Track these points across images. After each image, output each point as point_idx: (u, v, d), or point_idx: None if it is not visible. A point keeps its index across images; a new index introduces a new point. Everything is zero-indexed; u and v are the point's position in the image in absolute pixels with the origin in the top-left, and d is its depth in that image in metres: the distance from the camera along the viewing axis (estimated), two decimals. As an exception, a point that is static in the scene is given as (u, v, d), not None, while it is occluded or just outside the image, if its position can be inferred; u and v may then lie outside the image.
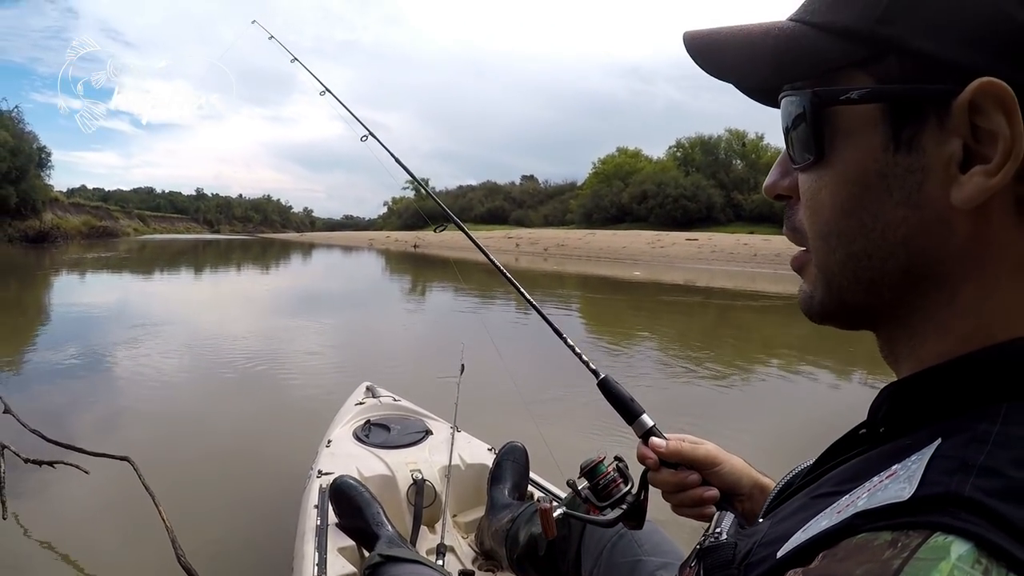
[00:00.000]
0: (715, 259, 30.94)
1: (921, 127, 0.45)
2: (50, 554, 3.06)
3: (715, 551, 0.63)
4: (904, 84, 0.46)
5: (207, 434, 4.81)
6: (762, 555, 0.51)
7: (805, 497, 0.55)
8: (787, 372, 7.61)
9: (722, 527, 0.84)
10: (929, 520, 0.37)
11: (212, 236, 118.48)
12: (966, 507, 0.36)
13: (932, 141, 0.45)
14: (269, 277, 23.91)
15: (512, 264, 28.85)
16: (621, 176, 69.84)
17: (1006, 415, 0.42)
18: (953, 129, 0.44)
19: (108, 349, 7.94)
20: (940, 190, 0.45)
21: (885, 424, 0.54)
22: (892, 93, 0.46)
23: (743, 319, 13.30)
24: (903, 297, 0.50)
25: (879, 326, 0.55)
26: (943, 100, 0.44)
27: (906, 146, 0.46)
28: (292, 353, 7.95)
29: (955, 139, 0.44)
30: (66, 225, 54.39)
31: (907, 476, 0.41)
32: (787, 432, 5.07)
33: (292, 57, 2.81)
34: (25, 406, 4.31)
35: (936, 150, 0.45)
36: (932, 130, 0.45)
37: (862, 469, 0.49)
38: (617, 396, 1.15)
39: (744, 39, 0.56)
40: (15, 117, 50.56)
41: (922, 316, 0.50)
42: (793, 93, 0.53)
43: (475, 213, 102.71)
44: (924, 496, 0.38)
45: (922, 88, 0.45)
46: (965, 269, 0.47)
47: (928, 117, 0.45)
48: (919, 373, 0.51)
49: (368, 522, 2.09)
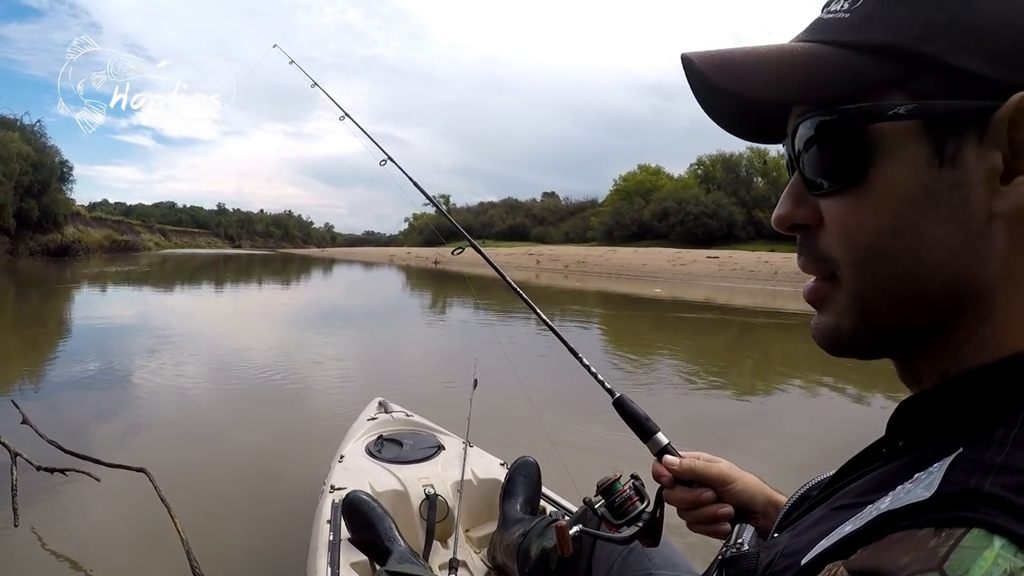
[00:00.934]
0: (736, 277, 30.79)
1: (963, 142, 0.46)
2: (63, 564, 3.08)
3: (738, 561, 0.64)
4: (945, 100, 0.46)
5: (222, 448, 4.84)
6: (785, 564, 0.52)
7: (825, 509, 0.55)
8: (810, 388, 7.55)
9: (743, 538, 0.87)
10: (963, 516, 0.37)
11: (233, 251, 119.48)
12: (988, 503, 0.37)
13: (973, 155, 0.46)
14: (288, 292, 24.04)
15: (532, 281, 28.91)
16: (642, 193, 69.60)
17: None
18: (993, 143, 0.45)
19: (125, 361, 8.02)
20: (983, 204, 0.46)
21: (905, 437, 0.54)
22: (937, 109, 0.46)
23: (764, 336, 13.21)
24: (942, 314, 0.50)
25: (906, 349, 0.54)
26: (983, 115, 0.45)
27: (950, 161, 0.46)
28: (307, 368, 7.98)
29: (995, 152, 0.45)
30: (88, 239, 55.03)
31: (929, 481, 0.42)
32: (811, 447, 5.03)
33: (312, 82, 2.85)
34: (44, 416, 4.36)
35: (977, 164, 0.46)
36: (973, 144, 0.46)
37: (883, 481, 0.49)
38: (632, 415, 1.16)
39: (764, 56, 0.54)
40: (37, 131, 51.05)
41: (960, 331, 0.50)
42: (820, 114, 0.52)
43: (496, 229, 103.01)
44: (946, 494, 0.39)
45: (965, 104, 0.46)
46: (1003, 280, 0.47)
47: (968, 132, 0.46)
48: (939, 385, 0.51)
49: (380, 537, 2.09)
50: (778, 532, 0.68)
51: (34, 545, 3.20)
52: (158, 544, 3.07)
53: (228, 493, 3.88)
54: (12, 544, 3.19)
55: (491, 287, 17.56)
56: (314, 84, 2.84)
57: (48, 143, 52.09)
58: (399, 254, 63.17)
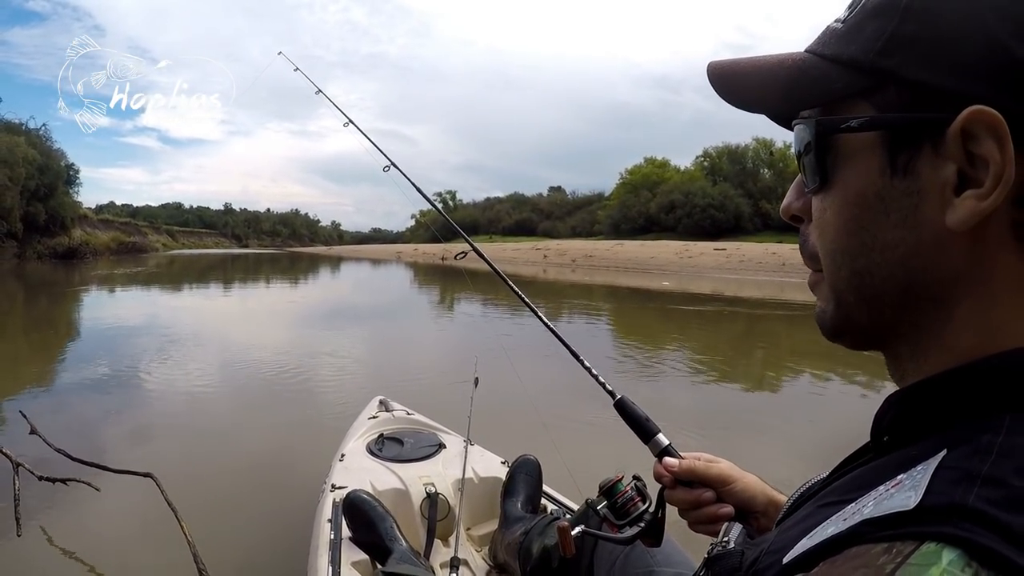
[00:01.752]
0: (743, 269, 30.74)
1: (916, 153, 0.48)
2: (74, 567, 3.10)
3: (722, 559, 0.66)
4: (901, 112, 0.48)
5: (222, 448, 4.86)
6: (769, 562, 0.54)
7: (812, 506, 0.56)
8: (820, 380, 7.56)
9: (730, 536, 0.90)
10: (926, 530, 0.38)
11: (240, 250, 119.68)
12: (972, 518, 0.37)
13: (928, 166, 0.47)
14: (295, 291, 24.04)
15: (540, 276, 28.93)
16: (648, 186, 69.54)
17: (1009, 426, 0.42)
18: (947, 155, 0.46)
19: (130, 363, 8.05)
20: (936, 213, 0.47)
21: (889, 433, 0.55)
22: (889, 121, 0.49)
23: (773, 328, 13.20)
24: (903, 315, 0.52)
25: (885, 345, 0.57)
26: (938, 127, 0.46)
27: (902, 171, 0.49)
28: (310, 367, 7.98)
29: (950, 164, 0.46)
30: (95, 241, 55.05)
31: (912, 485, 0.42)
32: (823, 441, 5.01)
33: (317, 89, 2.87)
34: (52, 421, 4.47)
35: (931, 175, 0.47)
36: (927, 156, 0.47)
37: (868, 479, 0.50)
38: (633, 416, 1.18)
39: (760, 69, 0.59)
40: (43, 135, 50.98)
41: (923, 333, 0.52)
42: (802, 121, 0.56)
43: (503, 225, 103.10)
44: (930, 506, 0.39)
45: (917, 116, 0.48)
46: (963, 288, 0.48)
47: (923, 143, 0.47)
48: (921, 382, 0.52)
49: (381, 536, 2.10)
50: None
51: (38, 553, 3.22)
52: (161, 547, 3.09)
53: (229, 493, 3.89)
54: (16, 553, 3.20)
55: (497, 284, 17.61)
56: (318, 91, 2.88)
57: (54, 147, 51.99)
58: (406, 251, 63.28)
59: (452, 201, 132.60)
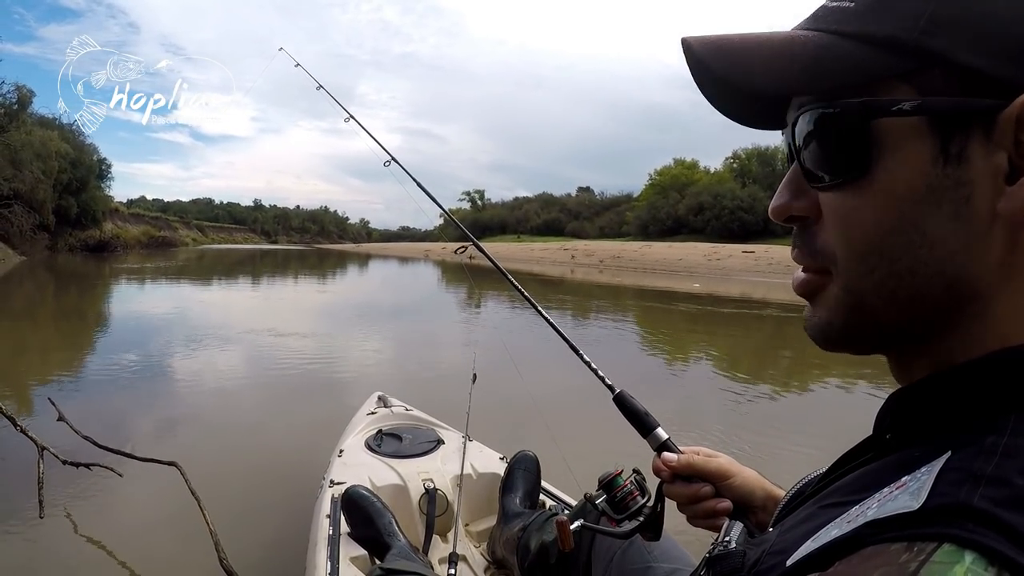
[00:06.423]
0: (772, 271, 30.42)
1: (968, 140, 0.45)
2: (88, 552, 3.15)
3: (724, 559, 0.65)
4: (952, 96, 0.45)
5: (222, 447, 4.85)
6: (771, 563, 0.53)
7: (814, 506, 0.55)
8: (846, 383, 7.48)
9: (731, 536, 0.89)
10: (940, 531, 0.37)
11: (269, 246, 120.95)
12: (975, 518, 0.37)
13: (979, 154, 0.45)
14: (323, 287, 24.16)
15: (568, 276, 28.91)
16: (677, 188, 69.27)
17: (1014, 427, 0.42)
18: (999, 142, 0.44)
19: (155, 354, 8.21)
20: (986, 203, 0.45)
21: (892, 432, 0.54)
22: (943, 106, 0.46)
23: (799, 332, 13.10)
24: (939, 312, 0.49)
25: (901, 346, 0.54)
26: (990, 113, 0.44)
27: (955, 159, 0.46)
28: (316, 364, 7.99)
29: (1001, 152, 0.45)
30: (126, 235, 56.19)
31: (916, 487, 0.41)
32: (841, 440, 4.96)
33: (318, 85, 2.90)
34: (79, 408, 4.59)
35: (983, 163, 0.45)
36: (978, 143, 0.45)
37: (871, 480, 0.49)
38: (632, 410, 1.18)
39: (764, 45, 0.53)
40: (75, 130, 51.53)
41: (954, 329, 0.49)
42: (821, 106, 0.51)
43: (531, 224, 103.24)
44: (934, 507, 0.39)
45: (972, 102, 0.45)
46: (1000, 280, 0.47)
47: (975, 130, 0.45)
48: (925, 379, 0.51)
49: (380, 532, 2.10)
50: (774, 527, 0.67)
51: (60, 535, 3.28)
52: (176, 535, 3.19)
53: (228, 489, 3.88)
54: (38, 534, 3.26)
55: (521, 282, 17.60)
56: (320, 87, 2.92)
57: (86, 141, 52.99)
58: (435, 249, 63.39)
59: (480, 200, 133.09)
